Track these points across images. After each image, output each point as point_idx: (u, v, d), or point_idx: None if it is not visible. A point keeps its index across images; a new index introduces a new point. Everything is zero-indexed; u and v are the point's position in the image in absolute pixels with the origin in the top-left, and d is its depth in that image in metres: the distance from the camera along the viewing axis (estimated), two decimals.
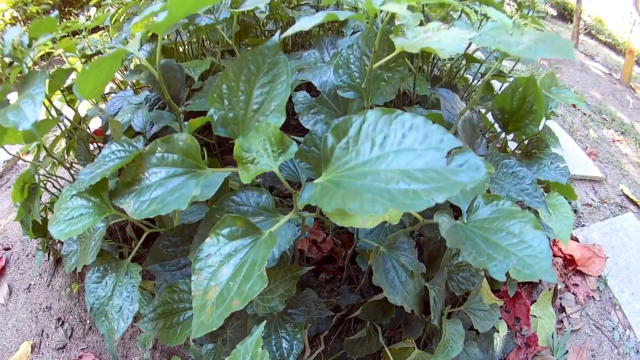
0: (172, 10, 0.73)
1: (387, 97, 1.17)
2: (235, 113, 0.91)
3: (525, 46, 0.88)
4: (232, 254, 0.83)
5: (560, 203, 1.73)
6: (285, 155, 0.79)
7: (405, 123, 0.67)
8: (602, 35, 8.23)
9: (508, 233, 0.92)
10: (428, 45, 0.91)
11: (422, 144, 0.64)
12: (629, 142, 4.22)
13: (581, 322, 2.39)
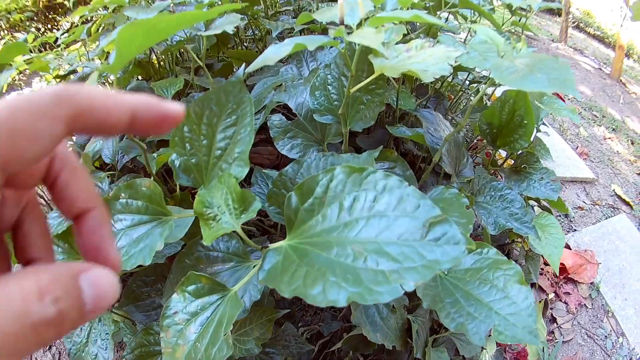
0: (121, 50, 0.65)
1: (367, 122, 1.10)
2: (197, 159, 0.83)
3: (520, 75, 0.78)
4: (199, 313, 0.76)
5: (550, 223, 1.66)
6: (247, 213, 0.72)
7: (377, 184, 0.59)
8: (591, 28, 8.18)
9: (492, 287, 0.87)
10: (410, 68, 0.83)
11: (396, 210, 0.57)
12: (620, 139, 4.18)
13: (573, 332, 2.34)
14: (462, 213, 0.97)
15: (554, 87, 0.73)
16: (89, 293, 0.26)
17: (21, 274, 0.25)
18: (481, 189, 1.26)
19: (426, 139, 1.17)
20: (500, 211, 1.22)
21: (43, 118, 0.25)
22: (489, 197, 1.25)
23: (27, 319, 0.23)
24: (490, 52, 0.98)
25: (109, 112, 0.28)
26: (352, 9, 0.91)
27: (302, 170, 0.89)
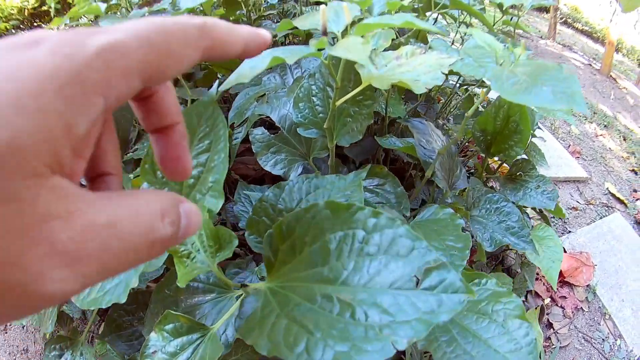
0: None
1: (354, 136, 1.03)
2: (170, 188, 0.77)
3: (523, 87, 0.69)
4: (178, 353, 0.70)
5: (548, 235, 1.61)
6: (224, 251, 0.65)
7: (366, 222, 0.52)
8: (579, 23, 8.18)
9: (491, 321, 0.81)
10: (400, 79, 0.77)
11: (387, 253, 0.50)
12: (613, 136, 4.15)
13: (570, 337, 2.30)
14: (458, 236, 0.91)
15: (560, 101, 0.65)
16: (184, 222, 0.30)
17: (144, 194, 0.28)
18: (476, 202, 1.21)
19: (418, 152, 1.10)
20: (496, 225, 1.16)
21: (189, 47, 0.29)
22: (484, 211, 1.19)
23: (151, 235, 0.27)
24: (486, 58, 0.92)
25: (232, 44, 0.32)
26: (336, 14, 0.85)
27: (284, 195, 0.82)
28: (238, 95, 1.34)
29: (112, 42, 0.25)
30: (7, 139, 0.20)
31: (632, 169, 3.79)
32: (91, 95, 0.24)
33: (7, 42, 0.24)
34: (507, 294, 0.86)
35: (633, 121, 4.66)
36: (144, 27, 0.27)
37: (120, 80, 0.25)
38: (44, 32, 0.25)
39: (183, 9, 1.25)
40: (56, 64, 0.23)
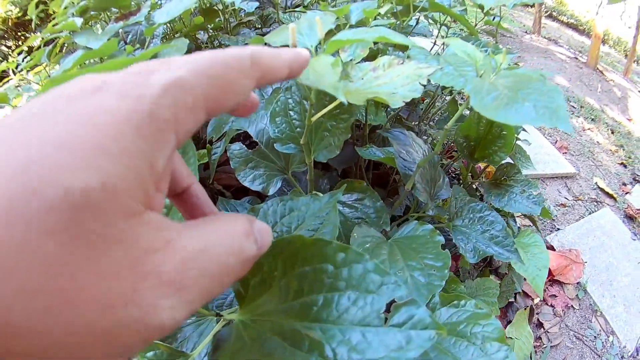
0: None
1: (332, 150, 1.01)
2: None
3: (503, 102, 0.65)
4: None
5: (533, 242, 1.60)
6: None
7: (335, 256, 0.50)
8: (564, 16, 8.21)
9: (469, 344, 0.79)
10: (376, 94, 0.74)
11: (356, 289, 0.48)
12: (600, 129, 4.15)
13: (561, 336, 2.29)
14: (438, 254, 0.89)
15: (542, 119, 0.62)
16: (259, 239, 0.32)
17: (225, 217, 0.30)
18: (459, 212, 1.19)
19: (397, 164, 1.09)
20: (479, 235, 1.14)
21: (245, 77, 0.30)
22: (467, 220, 1.18)
23: (242, 254, 0.29)
24: (467, 67, 0.90)
25: (279, 69, 0.34)
26: (310, 27, 0.83)
27: (259, 218, 0.80)
28: None
29: (176, 80, 0.26)
30: (101, 183, 0.21)
31: (621, 162, 3.79)
32: (165, 132, 0.25)
33: (68, 90, 0.25)
34: (486, 316, 0.84)
35: (621, 113, 4.67)
36: (203, 61, 0.28)
37: (188, 115, 0.27)
38: (101, 76, 0.26)
39: (157, 24, 1.23)
40: (129, 106, 0.24)
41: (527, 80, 0.73)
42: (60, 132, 0.22)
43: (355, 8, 1.29)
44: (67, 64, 1.14)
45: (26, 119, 0.23)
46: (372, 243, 0.91)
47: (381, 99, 0.72)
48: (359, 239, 0.91)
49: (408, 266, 0.86)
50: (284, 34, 0.87)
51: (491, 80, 0.76)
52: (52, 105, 0.24)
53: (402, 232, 1.00)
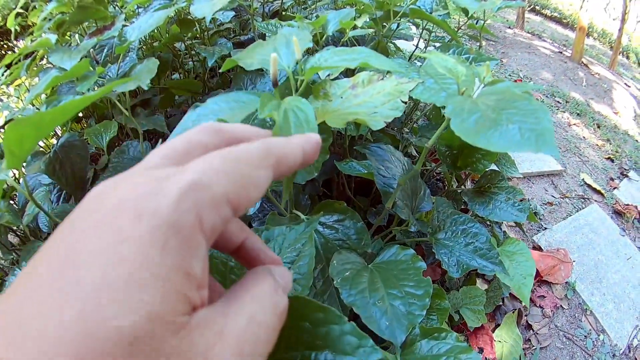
0: (13, 150, 0.56)
1: (310, 172, 0.98)
2: None
3: (485, 125, 0.58)
4: None
5: (519, 250, 1.57)
6: None
7: (311, 315, 0.49)
8: (547, 10, 8.23)
9: None
10: (356, 115, 0.71)
11: (333, 350, 0.47)
12: (586, 123, 4.15)
13: (550, 337, 2.28)
14: (419, 281, 0.87)
15: (528, 143, 0.56)
16: (282, 283, 0.34)
17: (250, 280, 0.32)
18: (441, 225, 1.16)
19: (376, 181, 1.06)
20: (462, 248, 1.12)
21: (261, 168, 0.31)
22: (450, 233, 1.15)
23: (278, 309, 0.31)
24: (448, 79, 0.87)
25: (293, 155, 0.34)
26: (287, 45, 0.80)
27: None
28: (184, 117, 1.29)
29: (191, 182, 0.27)
30: (146, 315, 0.22)
31: (608, 156, 3.79)
32: (192, 237, 0.26)
33: (87, 223, 0.25)
34: (467, 350, 0.82)
35: (607, 107, 4.68)
36: (216, 160, 0.29)
37: (212, 213, 0.27)
38: (115, 192, 0.27)
39: (128, 42, 1.20)
40: (149, 225, 0.24)
41: (511, 98, 0.68)
42: (95, 276, 0.23)
43: (333, 18, 1.26)
44: (40, 86, 1.12)
45: (61, 266, 0.24)
46: (351, 271, 0.89)
47: (362, 121, 0.69)
48: (338, 266, 0.88)
49: (389, 294, 0.84)
50: (261, 52, 0.83)
51: (473, 99, 0.71)
52: (80, 246, 0.24)
53: (383, 256, 0.98)
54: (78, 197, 1.29)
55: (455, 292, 1.72)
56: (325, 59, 0.72)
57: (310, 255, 0.74)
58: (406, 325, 0.79)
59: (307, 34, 0.85)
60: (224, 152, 0.30)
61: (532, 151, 0.55)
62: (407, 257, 0.95)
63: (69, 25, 1.75)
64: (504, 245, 1.61)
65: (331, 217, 1.02)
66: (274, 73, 0.67)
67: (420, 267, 0.91)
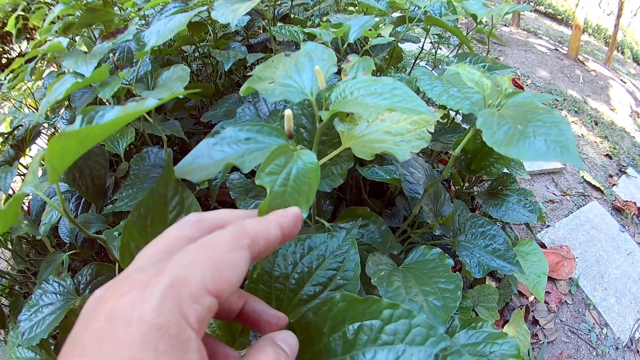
0: (54, 164, 0.57)
1: (335, 179, 1.01)
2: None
3: (515, 138, 0.62)
4: None
5: (532, 250, 1.62)
6: (240, 340, 0.65)
7: (382, 313, 0.53)
8: (542, 6, 8.26)
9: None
10: (383, 145, 0.72)
11: (405, 342, 0.51)
12: (584, 121, 4.19)
13: (556, 331, 2.32)
14: (449, 277, 0.91)
15: (554, 153, 0.60)
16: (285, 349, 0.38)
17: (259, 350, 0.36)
18: (461, 227, 1.20)
19: (404, 187, 1.09)
20: (482, 250, 1.16)
21: (233, 251, 0.32)
22: (470, 235, 1.19)
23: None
24: (470, 89, 0.90)
25: (271, 234, 0.36)
26: (311, 64, 0.79)
27: (278, 260, 0.80)
28: (202, 142, 1.30)
29: (171, 282, 0.29)
30: None
31: (606, 153, 3.83)
32: (181, 334, 0.27)
33: (89, 332, 0.28)
34: (502, 336, 0.87)
35: (604, 103, 4.71)
36: (192, 252, 0.31)
37: (194, 306, 0.29)
38: (103, 305, 0.29)
39: (148, 47, 1.20)
40: (139, 331, 0.26)
41: (535, 110, 0.71)
42: None
43: (354, 25, 1.29)
44: (58, 91, 1.12)
45: None
46: (386, 271, 0.92)
47: (389, 153, 0.70)
48: (373, 267, 0.91)
49: (422, 291, 0.88)
50: (280, 76, 0.81)
51: (500, 112, 0.74)
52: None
53: (412, 257, 1.01)
54: (99, 206, 1.30)
55: (471, 291, 1.76)
56: (350, 91, 0.72)
57: (356, 261, 0.77)
58: (443, 317, 0.82)
59: (331, 55, 0.83)
60: (198, 243, 0.32)
61: (559, 161, 0.60)
62: (434, 255, 0.98)
63: (77, 27, 1.75)
64: (518, 246, 1.65)
65: (355, 222, 1.05)
66: (289, 129, 0.65)
67: (449, 264, 0.94)
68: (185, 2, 1.64)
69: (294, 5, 2.00)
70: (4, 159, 1.58)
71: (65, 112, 1.59)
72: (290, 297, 0.78)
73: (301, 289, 0.78)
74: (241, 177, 1.11)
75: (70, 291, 1.05)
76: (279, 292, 0.79)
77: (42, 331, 0.94)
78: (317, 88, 0.73)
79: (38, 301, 1.03)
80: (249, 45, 1.84)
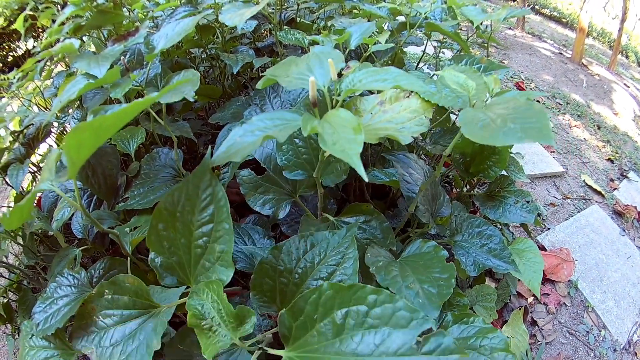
0: (72, 157, 0.62)
1: (338, 175, 1.06)
2: (178, 258, 0.80)
3: (492, 129, 0.71)
4: None
5: (528, 248, 1.66)
6: (245, 326, 0.70)
7: (367, 298, 0.59)
8: (547, 9, 8.28)
9: (479, 355, 0.91)
10: (387, 131, 0.79)
11: (389, 324, 0.56)
12: (587, 125, 4.22)
13: (554, 333, 2.35)
14: (443, 267, 0.96)
15: (529, 136, 0.68)
16: None
17: None
18: (458, 228, 1.24)
19: (401, 187, 1.14)
20: (478, 249, 1.20)
21: None
22: (467, 235, 1.23)
23: None
24: (458, 91, 0.95)
25: None
26: (320, 63, 0.86)
27: (283, 256, 0.86)
28: (220, 132, 1.36)
29: None
30: None
31: (608, 157, 3.86)
32: None
33: None
34: (492, 330, 0.93)
35: (607, 108, 4.74)
36: None
37: None
38: None
39: (158, 50, 1.24)
40: None
41: (516, 105, 0.78)
42: None
43: (355, 31, 1.33)
44: (71, 91, 1.15)
45: None
46: (383, 262, 0.97)
47: (392, 136, 0.78)
48: (372, 258, 0.97)
49: (418, 279, 0.93)
50: (294, 71, 0.89)
51: (484, 109, 0.81)
52: None
53: (409, 251, 1.06)
54: (110, 204, 1.34)
55: (469, 290, 1.80)
56: (359, 79, 0.80)
57: (355, 257, 0.83)
58: (437, 302, 0.87)
59: (339, 55, 0.92)
60: None
61: (533, 140, 0.67)
62: (430, 248, 1.04)
63: (86, 29, 1.79)
64: (514, 244, 1.69)
65: (359, 218, 1.10)
66: (313, 95, 0.74)
67: (443, 255, 1.00)
68: (194, 6, 1.68)
69: (299, 9, 2.04)
70: (15, 156, 1.61)
71: (76, 112, 1.63)
72: (294, 290, 0.84)
73: (304, 282, 0.84)
74: (250, 173, 1.16)
75: (84, 283, 1.09)
76: (282, 285, 0.85)
77: (58, 321, 0.97)
78: (328, 81, 0.81)
79: (53, 294, 1.06)
80: (255, 48, 1.88)
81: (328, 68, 0.83)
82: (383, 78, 0.78)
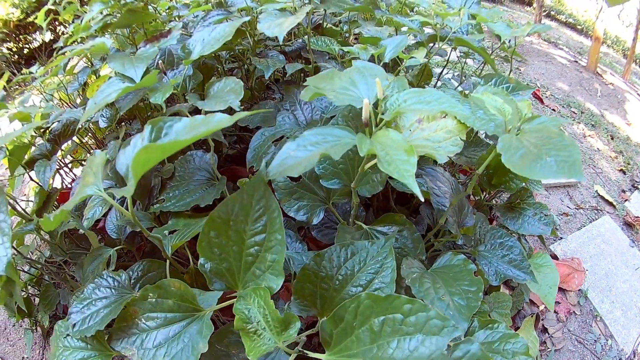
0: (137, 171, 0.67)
1: (375, 186, 1.12)
2: (228, 264, 0.85)
3: (529, 159, 0.77)
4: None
5: (544, 263, 1.71)
6: (289, 331, 0.75)
7: (402, 307, 0.64)
8: (562, 15, 8.26)
9: (503, 358, 0.98)
10: (425, 149, 0.85)
11: (423, 332, 0.62)
12: (600, 135, 4.23)
13: (564, 340, 2.40)
14: (472, 280, 1.01)
15: (562, 172, 0.74)
16: None
17: None
18: (482, 238, 1.30)
19: (432, 200, 1.19)
20: (500, 259, 1.25)
21: None
22: (489, 246, 1.29)
23: None
24: (491, 114, 1.00)
25: None
26: (363, 78, 0.91)
27: (324, 263, 0.91)
28: (254, 136, 1.40)
29: None
30: None
31: (620, 168, 3.88)
32: None
33: None
34: (515, 336, 1.02)
35: (620, 118, 4.74)
36: None
37: None
38: None
39: (196, 53, 1.27)
40: None
41: (548, 135, 0.84)
42: None
43: (390, 45, 1.38)
44: (107, 95, 1.19)
45: None
46: (417, 273, 1.03)
47: (430, 155, 0.83)
48: (407, 269, 1.03)
49: (449, 292, 0.99)
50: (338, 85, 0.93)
51: (518, 137, 0.86)
52: None
53: (439, 262, 1.12)
54: (144, 204, 1.38)
55: (487, 297, 1.85)
56: (404, 99, 0.85)
57: (392, 267, 0.88)
58: (466, 314, 0.93)
59: (382, 72, 0.97)
60: None
61: (565, 177, 0.73)
62: (459, 261, 1.10)
63: (115, 27, 1.83)
64: (533, 258, 1.75)
65: (391, 227, 1.15)
66: (366, 117, 0.80)
67: (472, 269, 1.06)
68: (227, 10, 1.71)
69: (326, 14, 2.07)
70: (41, 152, 1.63)
71: (105, 110, 1.65)
72: (334, 295, 0.89)
73: (344, 289, 0.89)
74: (286, 179, 1.21)
75: (125, 286, 1.12)
76: (323, 291, 0.90)
77: (97, 323, 1.00)
78: (373, 98, 0.87)
79: (91, 295, 1.09)
80: (283, 52, 1.91)
81: (372, 84, 0.88)
82: (427, 100, 0.82)
